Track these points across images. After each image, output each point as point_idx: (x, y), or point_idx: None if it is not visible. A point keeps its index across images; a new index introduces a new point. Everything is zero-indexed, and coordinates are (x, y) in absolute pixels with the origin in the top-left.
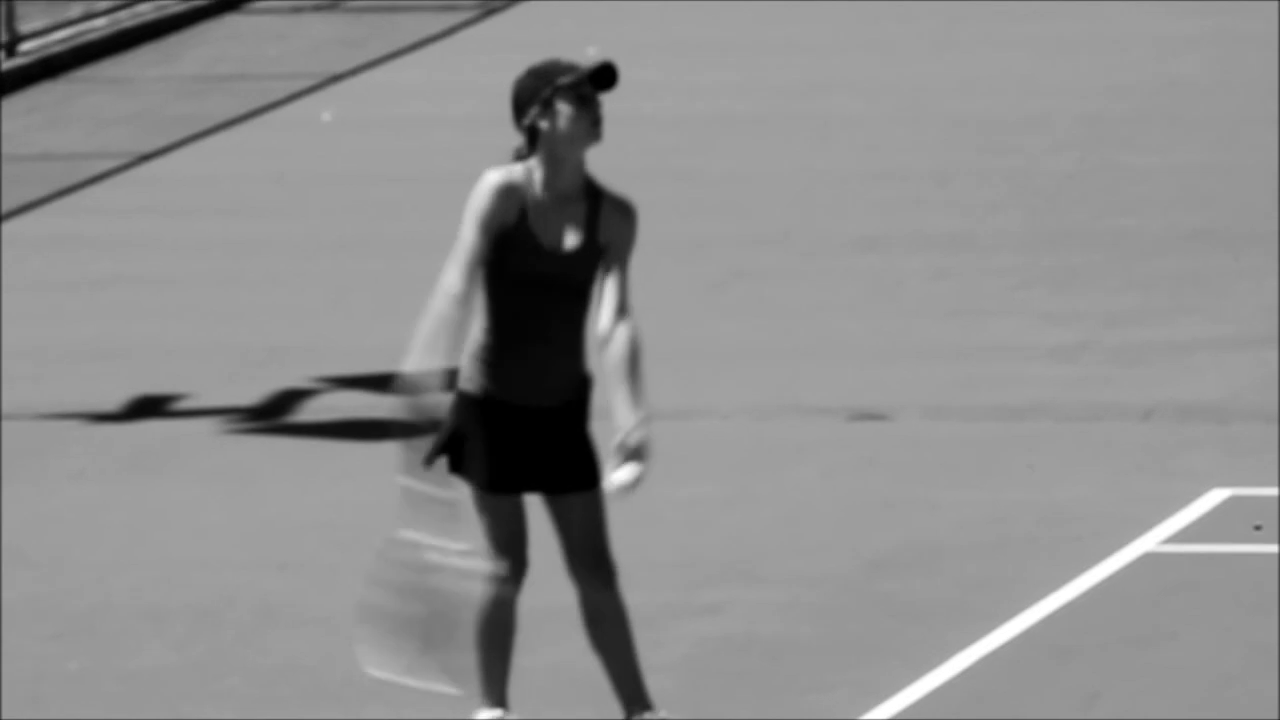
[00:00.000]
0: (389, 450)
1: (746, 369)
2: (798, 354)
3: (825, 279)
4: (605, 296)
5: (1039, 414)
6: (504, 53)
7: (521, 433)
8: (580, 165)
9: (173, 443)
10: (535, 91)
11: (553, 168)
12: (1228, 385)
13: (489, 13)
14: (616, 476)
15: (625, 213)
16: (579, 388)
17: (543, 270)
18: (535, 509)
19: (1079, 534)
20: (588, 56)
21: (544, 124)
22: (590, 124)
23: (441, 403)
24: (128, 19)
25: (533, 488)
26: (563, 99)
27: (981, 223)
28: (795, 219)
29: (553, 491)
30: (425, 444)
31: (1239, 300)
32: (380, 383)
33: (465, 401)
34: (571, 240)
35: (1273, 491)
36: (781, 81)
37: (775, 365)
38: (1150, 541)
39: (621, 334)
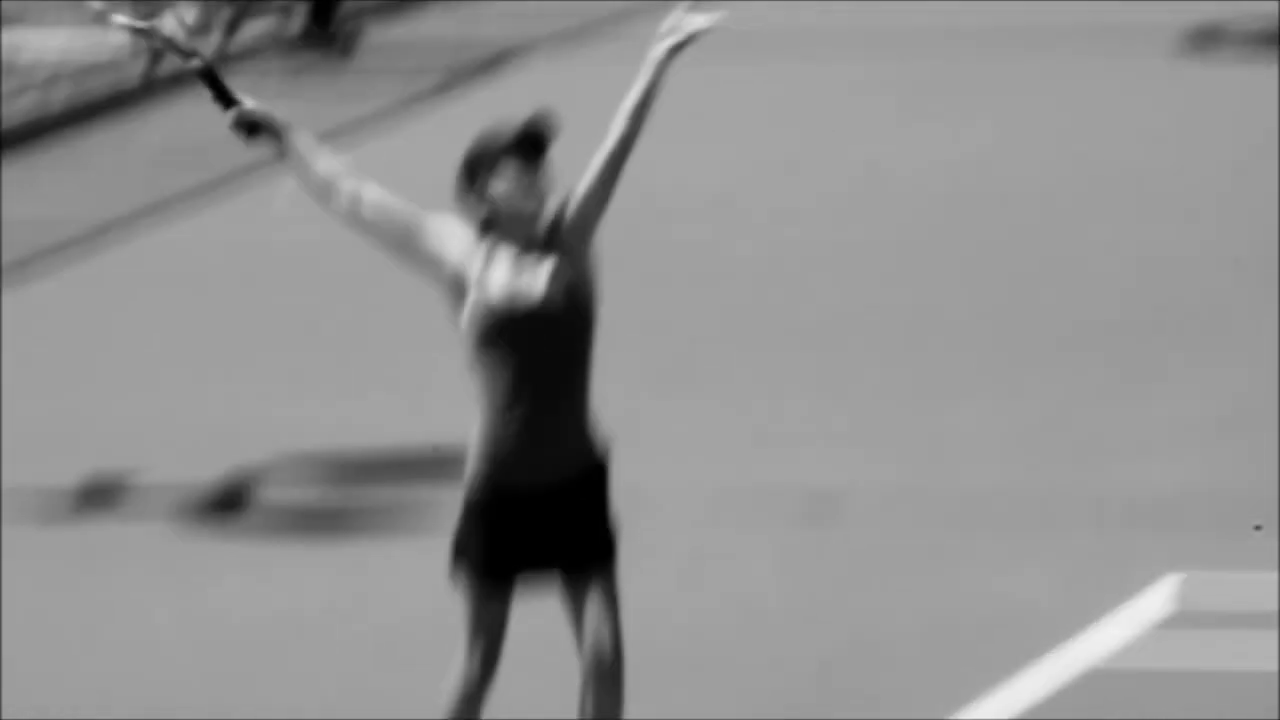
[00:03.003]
0: (350, 540)
1: (701, 453)
2: (753, 438)
3: (782, 360)
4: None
5: (995, 500)
6: (473, 125)
7: (526, 517)
8: (534, 220)
9: (125, 526)
10: (478, 163)
11: (510, 230)
12: (1185, 473)
13: (456, 85)
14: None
15: (565, 208)
16: (589, 457)
17: (526, 323)
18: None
19: (1034, 626)
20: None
21: (491, 192)
22: (535, 180)
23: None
24: (86, 93)
25: (537, 570)
26: (504, 163)
27: (942, 303)
28: (753, 298)
29: (565, 570)
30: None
31: (1198, 386)
32: (340, 467)
33: (468, 495)
34: (541, 279)
35: (1228, 578)
36: (741, 158)
37: (730, 449)
38: (1104, 633)
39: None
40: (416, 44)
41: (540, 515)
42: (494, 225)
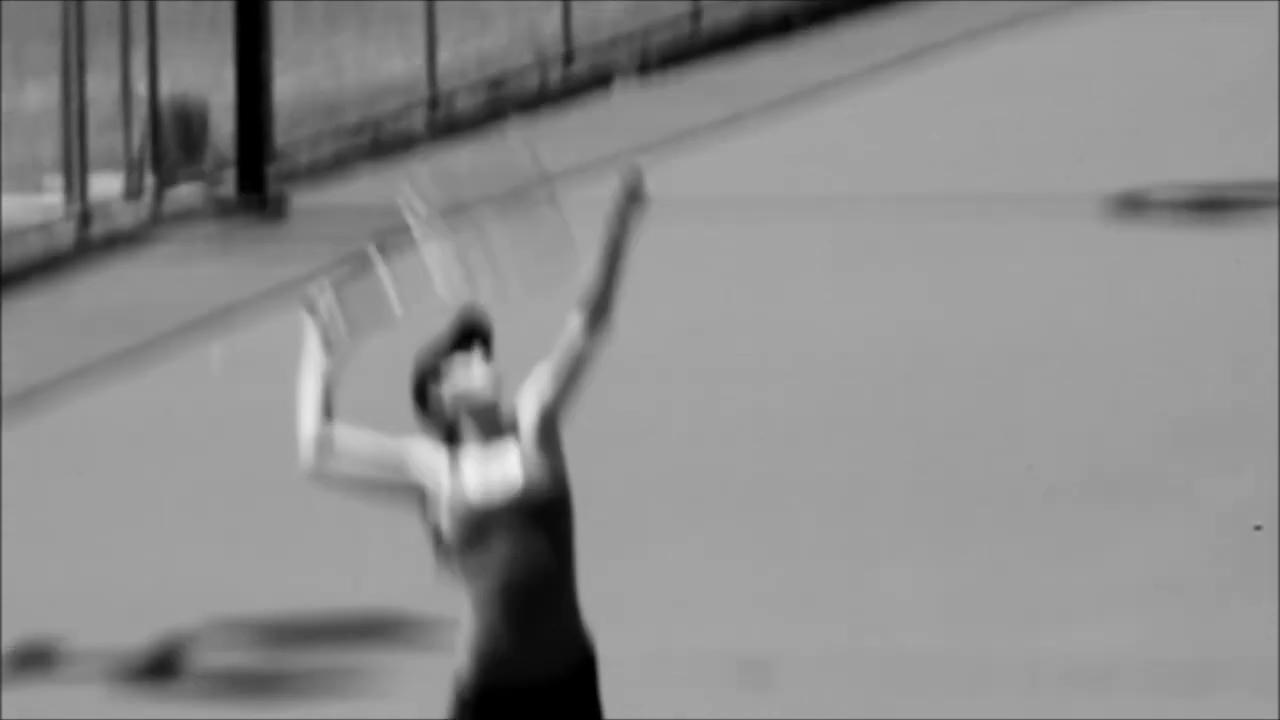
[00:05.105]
0: (284, 705)
1: (635, 615)
2: (687, 601)
3: (715, 522)
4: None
5: (928, 663)
6: (401, 288)
7: (518, 714)
8: (493, 411)
9: (57, 690)
10: (424, 378)
11: (473, 428)
12: (1116, 639)
13: (386, 249)
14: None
15: (528, 394)
16: (580, 649)
17: (505, 516)
18: None
19: None
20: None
21: (445, 399)
22: (481, 370)
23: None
24: (16, 256)
25: None
26: (447, 367)
27: (875, 466)
28: (685, 461)
29: None
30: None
31: (1132, 550)
32: (271, 630)
33: (459, 694)
34: (515, 469)
35: None
36: (669, 324)
37: (664, 612)
38: None
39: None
40: (347, 208)
41: (533, 711)
42: (457, 431)
